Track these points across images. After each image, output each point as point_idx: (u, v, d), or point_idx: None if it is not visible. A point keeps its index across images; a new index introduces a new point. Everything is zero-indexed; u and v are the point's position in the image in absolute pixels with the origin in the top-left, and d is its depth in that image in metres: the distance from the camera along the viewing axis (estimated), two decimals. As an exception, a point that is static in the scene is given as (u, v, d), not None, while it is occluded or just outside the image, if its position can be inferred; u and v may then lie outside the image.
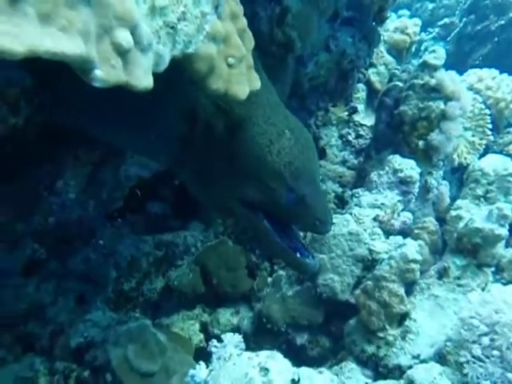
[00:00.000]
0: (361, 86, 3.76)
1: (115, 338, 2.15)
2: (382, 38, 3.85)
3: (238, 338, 1.67)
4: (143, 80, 1.18)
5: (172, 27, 1.26)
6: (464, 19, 8.41)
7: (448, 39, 8.57)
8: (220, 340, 1.70)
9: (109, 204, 2.77)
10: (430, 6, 9.16)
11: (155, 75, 1.24)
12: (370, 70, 3.81)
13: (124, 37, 1.09)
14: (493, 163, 2.72)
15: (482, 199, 2.67)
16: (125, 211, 3.09)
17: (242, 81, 1.53)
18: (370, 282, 2.39)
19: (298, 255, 1.65)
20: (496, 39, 8.27)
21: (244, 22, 1.55)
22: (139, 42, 1.15)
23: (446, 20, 8.71)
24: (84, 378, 2.09)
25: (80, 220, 2.66)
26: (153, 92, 1.58)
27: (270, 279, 2.93)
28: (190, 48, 1.34)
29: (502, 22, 8.24)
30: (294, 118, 1.78)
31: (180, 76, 1.41)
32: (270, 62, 2.38)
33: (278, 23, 2.19)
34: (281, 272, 2.86)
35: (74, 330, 2.32)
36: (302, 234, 2.13)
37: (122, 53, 1.10)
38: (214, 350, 1.60)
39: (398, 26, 3.98)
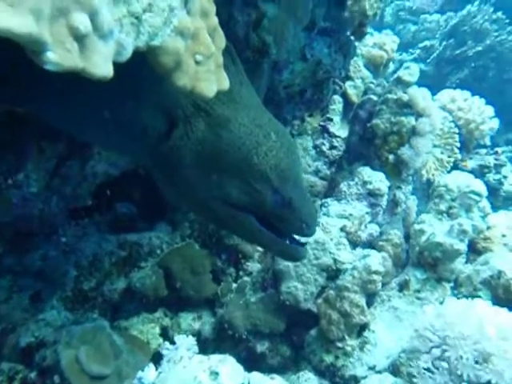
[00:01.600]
0: (337, 97, 3.80)
1: (68, 338, 2.07)
2: (360, 52, 3.91)
3: (191, 340, 1.63)
4: (102, 68, 1.14)
5: (136, 17, 1.24)
6: (444, 43, 8.67)
7: (428, 61, 8.81)
8: (174, 343, 1.66)
9: (73, 200, 2.69)
10: (413, 28, 9.42)
11: (129, 68, 1.21)
12: (347, 83, 3.85)
13: (81, 20, 1.06)
14: (457, 180, 2.77)
15: (444, 214, 2.71)
16: (92, 211, 3.02)
17: (209, 79, 1.51)
18: (332, 292, 2.38)
19: (287, 242, 1.64)
20: (473, 64, 8.54)
21: (215, 20, 1.53)
22: (99, 28, 1.12)
23: (427, 43, 8.96)
24: (30, 380, 2.00)
25: (41, 215, 2.58)
26: (127, 87, 1.55)
27: (234, 285, 2.89)
28: (155, 40, 1.31)
29: (479, 49, 8.52)
30: (276, 120, 1.77)
31: (157, 76, 1.39)
32: (244, 67, 2.38)
33: (254, 27, 2.19)
34: (246, 278, 2.83)
35: (25, 329, 2.23)
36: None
37: (78, 37, 1.06)
38: (165, 352, 1.56)
39: (376, 41, 4.05)
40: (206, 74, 1.50)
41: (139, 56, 1.28)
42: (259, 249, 2.90)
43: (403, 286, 2.47)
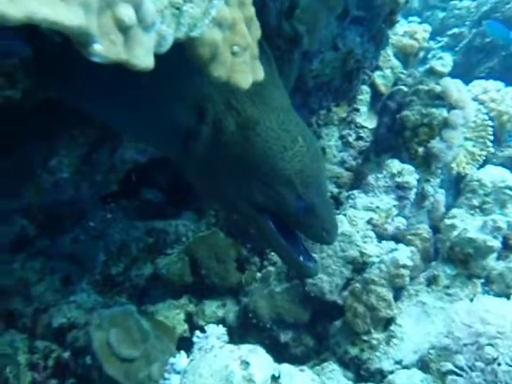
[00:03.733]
0: (365, 88, 3.74)
1: (98, 320, 2.13)
2: (390, 41, 3.83)
3: (221, 329, 1.65)
4: (144, 59, 1.15)
5: (177, 8, 1.23)
6: (473, 30, 8.42)
7: (456, 49, 8.58)
8: (203, 331, 1.68)
9: (103, 186, 2.74)
10: (441, 14, 9.15)
11: (165, 61, 1.21)
12: (376, 73, 3.79)
13: (127, 12, 1.06)
14: (491, 174, 2.70)
15: (477, 210, 2.66)
16: (119, 196, 3.07)
17: (245, 70, 1.50)
18: (358, 285, 2.37)
19: (301, 258, 1.65)
20: (503, 53, 8.28)
21: (252, 10, 1.52)
22: (143, 19, 1.12)
23: (456, 30, 8.71)
24: (63, 359, 2.07)
25: (72, 200, 2.63)
26: (161, 78, 1.55)
27: (259, 274, 2.91)
28: (194, 31, 1.31)
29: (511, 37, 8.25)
30: (305, 124, 1.77)
31: (190, 66, 1.39)
32: (275, 56, 2.35)
33: (287, 17, 2.16)
34: (270, 268, 2.84)
35: (57, 310, 2.30)
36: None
37: (123, 29, 1.07)
38: (196, 340, 1.58)
39: (407, 30, 3.96)
40: (242, 66, 1.49)
41: (175, 47, 1.28)
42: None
43: (432, 281, 2.44)
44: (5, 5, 0.80)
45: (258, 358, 1.47)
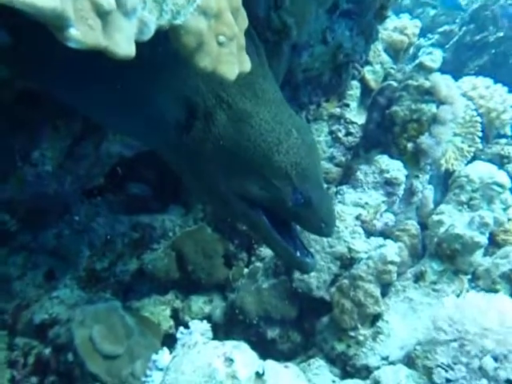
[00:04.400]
0: (355, 83, 3.71)
1: (81, 317, 2.09)
2: (380, 36, 3.81)
3: (205, 325, 1.62)
4: (125, 47, 1.11)
5: (160, -6, 1.19)
6: (464, 28, 8.46)
7: (446, 46, 8.61)
8: (187, 327, 1.65)
9: (87, 180, 2.69)
10: (432, 12, 9.19)
11: (151, 51, 1.17)
12: (366, 68, 3.76)
13: (105, -3, 1.02)
14: (479, 170, 2.70)
15: (465, 206, 2.66)
16: (104, 189, 3.02)
17: (231, 61, 1.47)
18: (346, 281, 2.36)
19: (298, 254, 1.62)
20: (493, 51, 8.34)
21: (238, 0, 1.48)
22: (122, 4, 1.08)
23: (446, 27, 8.75)
24: (44, 356, 2.02)
25: (55, 194, 2.57)
26: (147, 69, 1.50)
27: (246, 270, 2.89)
28: (178, 19, 1.27)
29: (501, 34, 8.31)
30: (298, 116, 1.75)
31: (178, 58, 1.35)
32: (264, 48, 2.31)
33: (275, 8, 2.13)
34: (258, 264, 2.82)
35: (39, 306, 2.25)
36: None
37: (102, 14, 1.03)
38: (179, 336, 1.55)
39: (397, 25, 3.94)
40: (229, 56, 1.46)
41: (161, 38, 1.23)
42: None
43: (419, 277, 2.44)
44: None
45: (243, 354, 1.44)
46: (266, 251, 2.85)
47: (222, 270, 2.88)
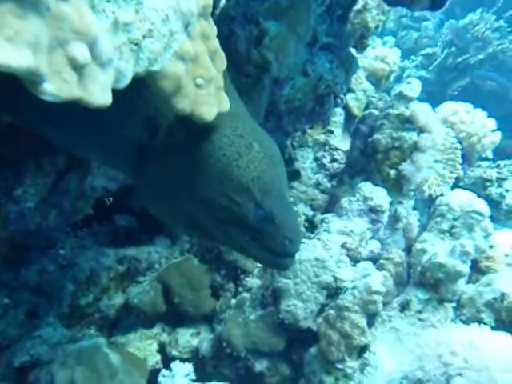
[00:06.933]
0: (338, 110, 3.79)
1: (63, 357, 2.04)
2: (361, 65, 3.90)
3: (188, 367, 1.59)
4: (100, 96, 1.12)
5: (136, 44, 1.21)
6: (446, 50, 8.68)
7: (430, 68, 8.83)
8: (170, 369, 1.62)
9: (72, 214, 2.67)
10: (415, 34, 9.44)
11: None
12: (349, 95, 3.84)
13: (80, 51, 1.03)
14: (459, 198, 2.74)
15: (446, 234, 2.68)
16: (91, 220, 3.00)
17: (209, 102, 1.49)
18: (332, 311, 2.35)
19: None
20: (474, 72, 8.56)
21: (216, 42, 1.51)
22: (98, 57, 1.09)
23: (429, 50, 8.98)
24: (24, 402, 1.96)
25: (38, 229, 2.55)
26: (115, 95, 1.49)
27: (233, 301, 2.86)
28: (154, 66, 1.29)
29: (481, 57, 8.55)
30: (262, 129, 1.69)
31: (141, 82, 1.35)
32: (245, 82, 2.35)
33: (256, 44, 2.17)
34: (245, 294, 2.80)
35: (20, 346, 2.19)
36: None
37: (77, 67, 1.04)
38: (161, 379, 1.52)
39: (378, 54, 4.04)
40: (207, 97, 1.48)
41: None
42: (259, 265, 2.87)
43: (405, 307, 2.43)
44: None
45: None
46: (253, 281, 2.84)
47: (209, 302, 2.84)
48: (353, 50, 3.15)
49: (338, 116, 3.79)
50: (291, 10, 2.11)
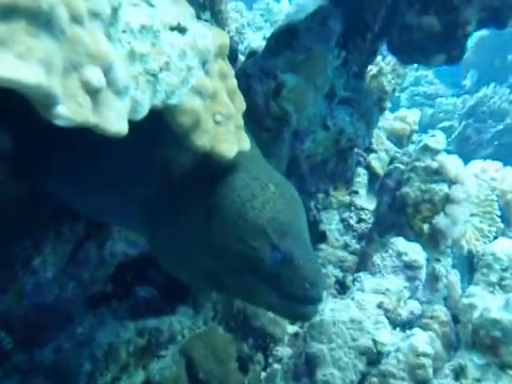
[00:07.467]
0: (362, 170, 3.73)
1: None
2: (382, 125, 3.91)
3: None
4: (115, 124, 1.08)
5: (153, 75, 1.20)
6: (463, 122, 8.81)
7: (449, 140, 8.93)
8: None
9: (90, 285, 2.56)
10: (430, 110, 9.65)
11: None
12: (371, 156, 3.80)
13: (95, 75, 1.01)
14: (505, 247, 2.52)
15: (496, 286, 2.43)
16: (111, 297, 2.87)
17: (229, 139, 1.44)
18: (375, 379, 2.07)
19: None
20: (496, 143, 8.59)
21: (234, 82, 1.50)
22: (113, 83, 1.07)
23: (446, 123, 9.13)
24: None
25: (56, 302, 2.43)
26: (123, 147, 1.47)
27: (263, 374, 2.59)
28: (172, 99, 1.27)
29: (501, 127, 8.62)
30: (279, 174, 1.65)
31: (157, 127, 1.30)
32: (265, 137, 2.34)
33: (274, 96, 2.19)
34: (276, 366, 2.54)
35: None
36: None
37: (91, 92, 1.01)
38: None
39: (397, 115, 4.06)
40: (227, 135, 1.43)
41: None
42: (289, 331, 2.64)
43: (459, 374, 2.12)
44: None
45: None
46: (283, 350, 2.59)
47: (236, 376, 2.58)
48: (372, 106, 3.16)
49: (361, 176, 3.72)
50: (308, 62, 2.14)
